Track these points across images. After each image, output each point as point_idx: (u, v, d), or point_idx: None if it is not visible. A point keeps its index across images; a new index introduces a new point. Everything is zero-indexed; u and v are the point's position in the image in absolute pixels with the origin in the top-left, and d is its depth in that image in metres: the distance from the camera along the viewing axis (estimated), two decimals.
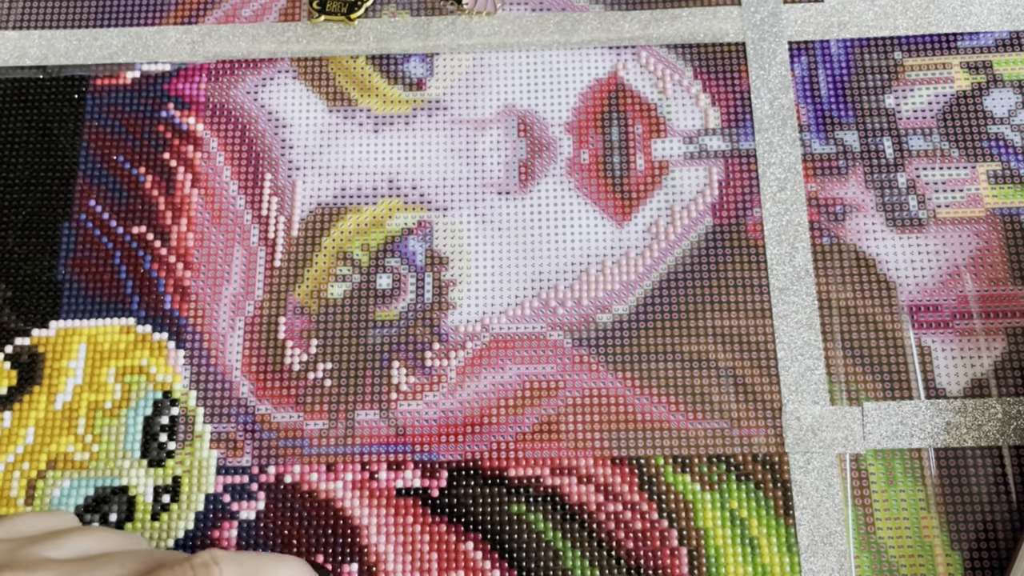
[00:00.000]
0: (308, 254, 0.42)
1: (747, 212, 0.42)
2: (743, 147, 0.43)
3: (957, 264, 0.41)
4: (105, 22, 0.47)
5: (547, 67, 0.45)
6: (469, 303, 0.41)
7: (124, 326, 0.41)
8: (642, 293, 0.41)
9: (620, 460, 0.39)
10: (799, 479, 0.38)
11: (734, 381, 0.40)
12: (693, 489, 0.38)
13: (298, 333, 0.41)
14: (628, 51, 0.45)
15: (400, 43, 0.46)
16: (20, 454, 0.40)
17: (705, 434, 0.39)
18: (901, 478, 0.38)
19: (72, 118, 0.45)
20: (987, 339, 0.40)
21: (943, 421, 0.39)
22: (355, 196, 0.43)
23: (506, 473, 0.39)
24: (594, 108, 0.44)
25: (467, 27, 0.46)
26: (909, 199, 0.42)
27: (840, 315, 0.40)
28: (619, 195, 0.43)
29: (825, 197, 0.42)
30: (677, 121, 0.44)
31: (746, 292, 0.41)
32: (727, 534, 0.38)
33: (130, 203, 0.43)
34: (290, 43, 0.46)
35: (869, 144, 0.43)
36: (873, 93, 0.44)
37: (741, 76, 0.44)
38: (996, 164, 0.42)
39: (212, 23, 0.46)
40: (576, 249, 0.42)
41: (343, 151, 0.44)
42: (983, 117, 0.43)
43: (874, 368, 0.40)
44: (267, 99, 0.45)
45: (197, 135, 0.44)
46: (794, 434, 0.39)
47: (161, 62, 0.46)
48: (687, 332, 0.41)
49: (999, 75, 0.44)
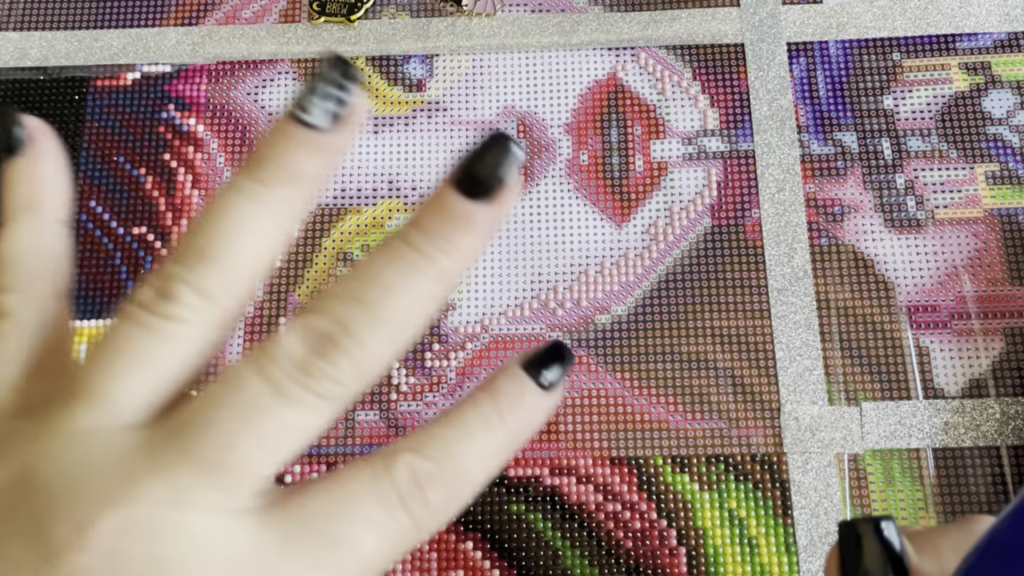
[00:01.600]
0: (308, 255, 0.42)
1: (746, 213, 0.42)
2: (742, 148, 0.43)
3: (955, 265, 0.41)
4: (106, 23, 0.47)
5: (546, 68, 0.45)
6: (469, 304, 0.41)
7: None
8: (641, 294, 0.41)
9: (619, 460, 0.39)
10: (797, 479, 0.38)
11: (733, 381, 0.40)
12: (692, 489, 0.38)
13: None
14: (627, 52, 0.45)
15: (400, 44, 0.46)
16: None
17: (704, 434, 0.39)
18: (899, 478, 0.38)
19: (73, 119, 0.45)
20: (985, 339, 0.40)
21: (941, 421, 0.39)
22: (355, 197, 0.43)
23: (505, 473, 0.39)
24: (593, 109, 0.44)
25: (467, 28, 0.46)
26: (907, 200, 0.42)
27: (838, 315, 0.41)
28: (618, 196, 0.43)
29: (823, 198, 0.42)
30: (676, 122, 0.44)
31: (745, 293, 0.41)
32: (726, 534, 0.38)
33: (131, 204, 0.44)
34: (290, 44, 0.46)
35: (868, 145, 0.43)
36: (872, 94, 0.44)
37: (740, 77, 0.45)
38: (994, 165, 0.43)
39: (212, 24, 0.47)
40: (575, 250, 0.42)
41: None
42: (981, 118, 0.43)
43: (872, 368, 0.40)
44: (267, 100, 0.45)
45: (198, 136, 0.45)
46: (792, 434, 0.39)
47: (161, 63, 0.46)
48: (686, 333, 0.41)
49: (997, 76, 0.44)
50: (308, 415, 0.19)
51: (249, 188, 0.20)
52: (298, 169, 0.20)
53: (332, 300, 0.20)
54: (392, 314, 0.20)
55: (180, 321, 0.20)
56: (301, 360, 0.19)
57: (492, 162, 0.20)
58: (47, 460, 0.18)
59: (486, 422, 0.22)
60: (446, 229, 0.20)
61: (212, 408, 0.19)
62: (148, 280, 0.20)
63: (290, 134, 0.20)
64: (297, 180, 0.20)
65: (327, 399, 0.20)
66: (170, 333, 0.20)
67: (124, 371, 0.19)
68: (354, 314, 0.20)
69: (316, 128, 0.20)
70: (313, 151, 0.20)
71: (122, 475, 0.18)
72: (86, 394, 0.19)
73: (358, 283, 0.20)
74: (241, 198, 0.20)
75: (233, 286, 0.20)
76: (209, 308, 0.20)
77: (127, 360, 0.19)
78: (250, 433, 0.19)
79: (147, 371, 0.19)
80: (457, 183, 0.20)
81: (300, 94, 0.20)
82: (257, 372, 0.19)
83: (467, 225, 0.20)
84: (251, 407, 0.19)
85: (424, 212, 0.21)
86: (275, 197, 0.20)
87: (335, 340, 0.19)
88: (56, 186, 0.22)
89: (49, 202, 0.22)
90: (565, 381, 0.23)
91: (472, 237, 0.21)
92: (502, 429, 0.22)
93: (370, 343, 0.20)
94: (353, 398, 0.20)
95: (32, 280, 0.21)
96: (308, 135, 0.20)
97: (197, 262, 0.20)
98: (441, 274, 0.20)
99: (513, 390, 0.22)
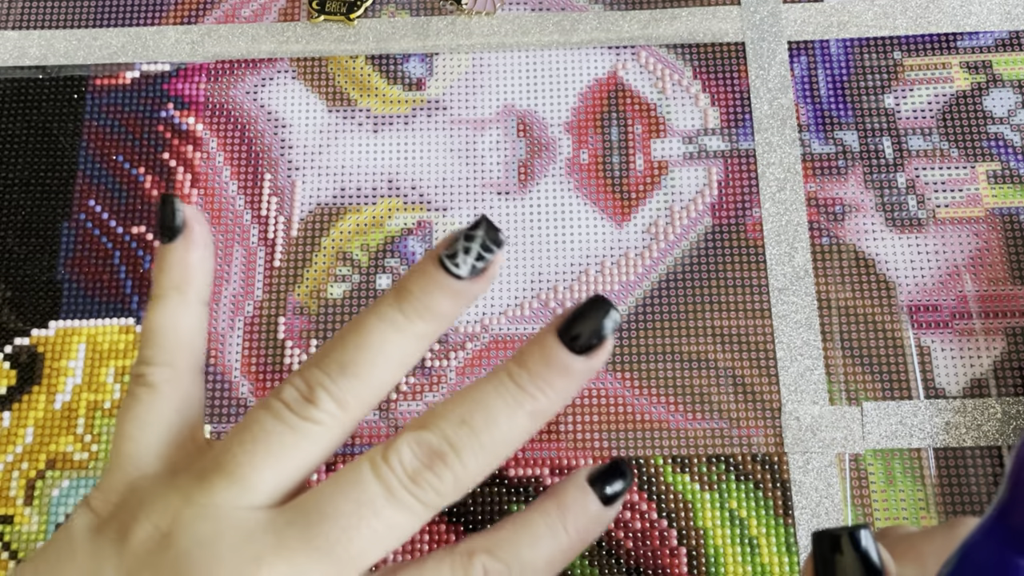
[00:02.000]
0: (308, 254, 0.42)
1: (746, 212, 0.42)
2: (742, 147, 0.43)
3: (956, 264, 0.41)
4: (104, 22, 0.47)
5: (546, 67, 0.45)
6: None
7: (123, 326, 0.41)
8: (641, 293, 0.41)
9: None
10: (798, 479, 0.38)
11: (733, 381, 0.40)
12: (692, 489, 0.38)
13: (298, 333, 0.41)
14: (627, 51, 0.45)
15: (399, 43, 0.46)
16: (19, 454, 0.40)
17: (704, 434, 0.39)
18: (900, 478, 0.38)
19: (71, 118, 0.45)
20: (986, 339, 0.40)
21: (942, 421, 0.39)
22: (355, 196, 0.43)
23: (506, 473, 0.39)
24: (593, 108, 0.44)
25: (466, 27, 0.46)
26: (908, 199, 0.42)
27: (839, 315, 0.40)
28: (618, 195, 0.43)
29: (824, 197, 0.42)
30: (676, 121, 0.44)
31: (745, 292, 0.41)
32: (726, 534, 0.38)
33: (130, 203, 0.43)
34: (289, 43, 0.46)
35: (868, 144, 0.43)
36: (872, 93, 0.44)
37: (740, 76, 0.44)
38: (996, 164, 0.42)
39: (211, 23, 0.46)
40: (575, 249, 0.42)
41: (342, 151, 0.44)
42: (983, 117, 0.43)
43: (873, 368, 0.40)
44: (267, 99, 0.45)
45: (197, 135, 0.44)
46: (793, 434, 0.39)
47: (160, 62, 0.46)
48: (686, 332, 0.41)
49: (999, 75, 0.44)
50: (410, 518, 0.22)
51: (392, 317, 0.23)
52: (437, 310, 0.24)
53: (442, 420, 0.23)
54: (492, 440, 0.23)
55: (317, 423, 0.23)
56: (413, 471, 0.22)
57: (592, 324, 0.23)
58: (187, 526, 0.21)
59: (552, 531, 0.25)
60: (547, 373, 0.23)
61: (333, 501, 0.22)
62: (293, 381, 0.23)
63: (436, 279, 0.23)
64: (434, 318, 0.24)
65: (428, 506, 0.23)
66: (306, 433, 0.22)
67: (263, 460, 0.22)
68: (462, 436, 0.23)
69: (460, 279, 0.23)
70: (453, 297, 0.24)
71: (251, 552, 0.21)
72: (227, 474, 0.22)
73: (466, 408, 0.23)
74: (384, 324, 0.23)
75: (365, 400, 0.23)
76: (343, 416, 0.23)
77: (267, 450, 0.22)
78: (363, 528, 0.22)
79: (283, 463, 0.22)
80: (560, 335, 0.23)
81: (451, 245, 0.23)
82: (375, 475, 0.22)
83: (565, 372, 0.23)
84: (367, 506, 0.22)
85: (529, 352, 0.24)
86: (413, 330, 0.24)
87: (444, 457, 0.22)
88: (203, 270, 0.25)
89: (196, 284, 0.25)
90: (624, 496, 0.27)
91: (568, 382, 0.23)
92: (565, 538, 0.25)
93: (471, 464, 0.23)
94: (446, 504, 0.23)
95: (176, 354, 0.24)
96: (452, 283, 0.23)
97: (340, 375, 0.23)
98: (538, 410, 0.23)
99: (579, 502, 0.26)
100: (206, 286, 0.25)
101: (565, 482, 0.26)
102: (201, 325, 0.25)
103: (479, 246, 0.23)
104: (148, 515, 0.21)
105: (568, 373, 0.23)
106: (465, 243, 0.23)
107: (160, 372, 0.24)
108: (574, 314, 0.24)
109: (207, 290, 0.26)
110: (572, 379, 0.23)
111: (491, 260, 0.23)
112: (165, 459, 0.23)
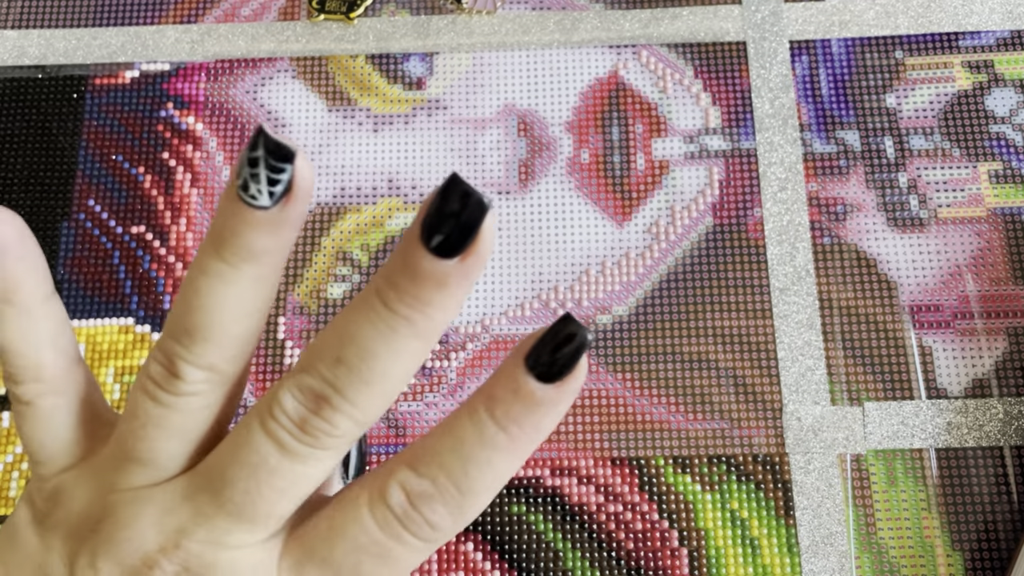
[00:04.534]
0: (307, 254, 0.42)
1: (748, 212, 0.42)
2: (744, 147, 0.43)
3: (958, 264, 0.41)
4: (104, 21, 0.47)
5: (547, 66, 0.45)
6: (469, 304, 0.41)
7: (123, 326, 0.41)
8: (642, 294, 0.41)
9: (620, 461, 0.39)
10: (800, 479, 0.38)
11: (734, 381, 0.40)
12: (693, 490, 0.38)
13: (298, 333, 0.41)
14: (628, 50, 0.45)
15: (400, 42, 0.46)
16: (19, 454, 0.40)
17: (705, 435, 0.39)
18: (902, 478, 0.38)
19: (71, 118, 0.45)
20: (988, 339, 0.40)
21: (944, 421, 0.39)
22: (355, 196, 0.43)
23: None
24: (594, 107, 0.44)
25: (467, 26, 0.46)
26: (910, 199, 0.42)
27: (841, 315, 0.40)
28: (619, 195, 0.43)
29: (826, 197, 0.42)
30: (677, 120, 0.44)
31: (746, 292, 0.41)
32: (728, 535, 0.38)
33: (129, 203, 0.43)
34: (289, 42, 0.46)
35: (870, 144, 0.43)
36: (874, 92, 0.44)
37: (742, 75, 0.44)
38: (997, 163, 0.42)
39: (211, 22, 0.46)
40: (576, 249, 0.42)
41: (343, 151, 0.44)
42: (984, 116, 0.43)
43: (875, 368, 0.40)
44: (266, 98, 0.45)
45: (196, 134, 0.44)
46: (795, 434, 0.39)
47: (160, 61, 0.46)
48: (687, 332, 0.41)
49: (1000, 74, 0.44)
50: (315, 465, 0.21)
51: (216, 268, 0.21)
52: (257, 247, 0.21)
53: (319, 361, 0.21)
54: (373, 373, 0.21)
55: (192, 395, 0.22)
56: (300, 420, 0.21)
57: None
58: (112, 512, 0.22)
59: (480, 429, 0.21)
60: (416, 288, 0.21)
61: (231, 465, 0.21)
62: (153, 355, 0.22)
63: (241, 215, 0.21)
64: (259, 257, 0.21)
65: (329, 450, 0.21)
66: (184, 406, 0.22)
67: (156, 438, 0.22)
68: (340, 375, 0.21)
69: (264, 208, 0.21)
70: (266, 230, 0.21)
71: (173, 524, 0.22)
72: (135, 459, 0.22)
73: (339, 342, 0.21)
74: (211, 279, 0.21)
75: (230, 354, 0.22)
76: (214, 378, 0.22)
77: (157, 430, 0.22)
78: (263, 489, 0.21)
79: (178, 436, 0.22)
80: (424, 240, 0.21)
81: (239, 173, 0.21)
82: (264, 432, 0.21)
83: (439, 284, 0.21)
84: (261, 467, 0.21)
85: (393, 268, 0.21)
86: (242, 275, 0.21)
87: (329, 400, 0.21)
88: (25, 269, 0.23)
89: (25, 289, 0.23)
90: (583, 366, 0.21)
91: (445, 295, 0.21)
92: (502, 436, 0.21)
93: (360, 401, 0.21)
94: (354, 440, 0.22)
95: (38, 363, 0.24)
96: (258, 215, 0.21)
97: (192, 342, 0.22)
98: (419, 332, 0.21)
99: (508, 386, 0.21)
100: (37, 284, 0.23)
101: (499, 366, 0.22)
102: (51, 323, 0.24)
103: (266, 169, 0.20)
104: (80, 505, 0.22)
105: (443, 284, 0.20)
106: (251, 170, 0.20)
107: (28, 389, 0.23)
108: (434, 210, 0.21)
109: (43, 285, 0.23)
110: (449, 290, 0.20)
111: (289, 178, 0.20)
112: (78, 451, 0.24)
